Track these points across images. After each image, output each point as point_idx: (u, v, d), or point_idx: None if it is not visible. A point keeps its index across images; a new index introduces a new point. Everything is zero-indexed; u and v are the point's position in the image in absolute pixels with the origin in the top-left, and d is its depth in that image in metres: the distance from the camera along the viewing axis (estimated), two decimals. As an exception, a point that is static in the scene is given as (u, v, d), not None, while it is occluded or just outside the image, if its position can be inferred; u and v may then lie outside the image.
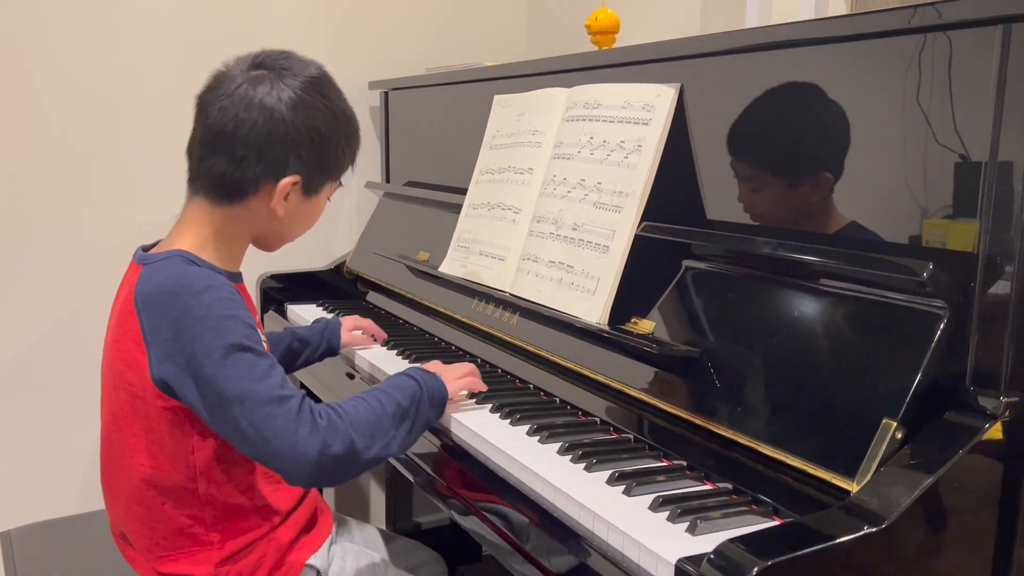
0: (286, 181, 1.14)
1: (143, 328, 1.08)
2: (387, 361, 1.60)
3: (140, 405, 1.11)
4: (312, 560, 1.24)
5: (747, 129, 1.20)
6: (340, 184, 1.26)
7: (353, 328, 1.67)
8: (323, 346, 1.59)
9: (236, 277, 1.20)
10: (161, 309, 1.06)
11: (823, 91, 1.09)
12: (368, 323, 1.70)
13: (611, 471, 1.08)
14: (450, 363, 1.37)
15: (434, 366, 1.30)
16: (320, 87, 1.17)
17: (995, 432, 0.87)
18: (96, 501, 1.81)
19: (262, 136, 1.12)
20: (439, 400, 1.21)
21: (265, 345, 1.16)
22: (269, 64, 1.16)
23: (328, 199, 1.25)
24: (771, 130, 1.17)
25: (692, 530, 0.93)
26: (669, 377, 1.17)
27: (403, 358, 1.62)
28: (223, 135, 1.12)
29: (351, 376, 1.62)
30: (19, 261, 2.04)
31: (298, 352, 1.56)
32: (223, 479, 1.15)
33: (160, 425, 1.11)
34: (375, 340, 1.71)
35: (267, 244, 1.25)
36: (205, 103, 1.15)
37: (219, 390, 1.03)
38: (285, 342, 1.54)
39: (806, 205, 1.13)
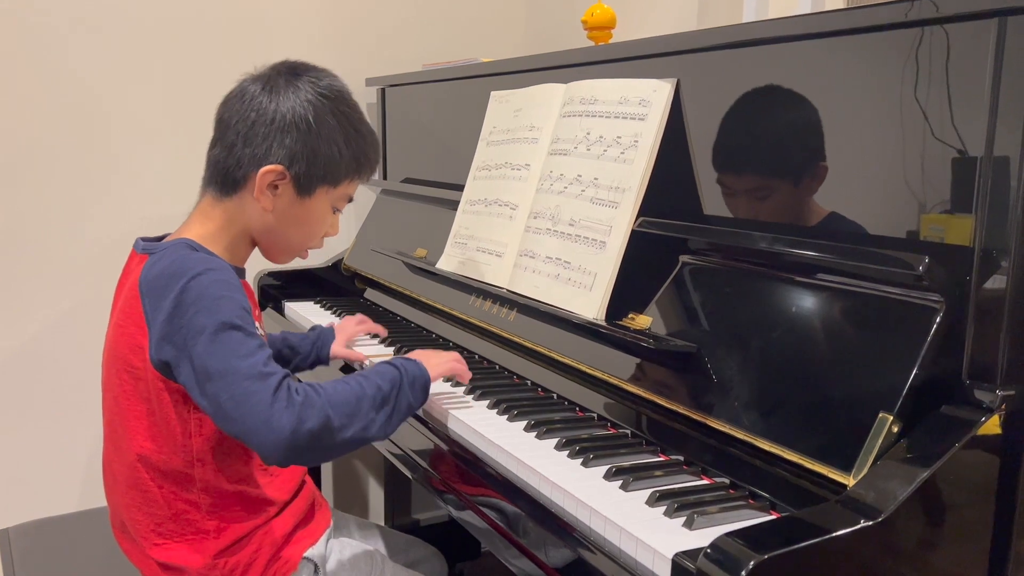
0: (267, 168, 1.15)
1: (145, 311, 1.10)
2: (385, 357, 1.60)
3: (142, 388, 1.13)
4: (309, 553, 1.25)
5: (744, 124, 1.20)
6: (350, 199, 1.26)
7: (349, 340, 1.62)
8: (312, 356, 1.58)
9: (239, 272, 1.21)
10: (162, 292, 1.08)
11: (820, 86, 1.09)
12: (369, 327, 1.66)
13: (608, 466, 1.08)
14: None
15: (417, 353, 1.29)
16: (325, 91, 1.18)
17: (991, 425, 0.87)
18: (94, 499, 1.81)
19: (248, 122, 1.16)
20: (421, 384, 1.20)
21: (261, 333, 1.16)
22: (280, 68, 1.20)
23: (336, 210, 1.25)
24: (768, 125, 1.17)
25: (689, 524, 0.93)
26: (666, 372, 1.17)
27: (401, 355, 1.62)
28: (220, 124, 1.19)
29: (346, 372, 1.62)
30: (18, 258, 2.04)
31: (287, 359, 1.56)
32: (220, 466, 1.16)
33: (161, 408, 1.12)
34: (375, 337, 1.69)
35: (267, 247, 1.25)
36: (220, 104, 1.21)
37: (205, 366, 1.04)
38: (275, 347, 1.53)
39: (802, 200, 1.13)
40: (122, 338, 1.14)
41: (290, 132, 1.15)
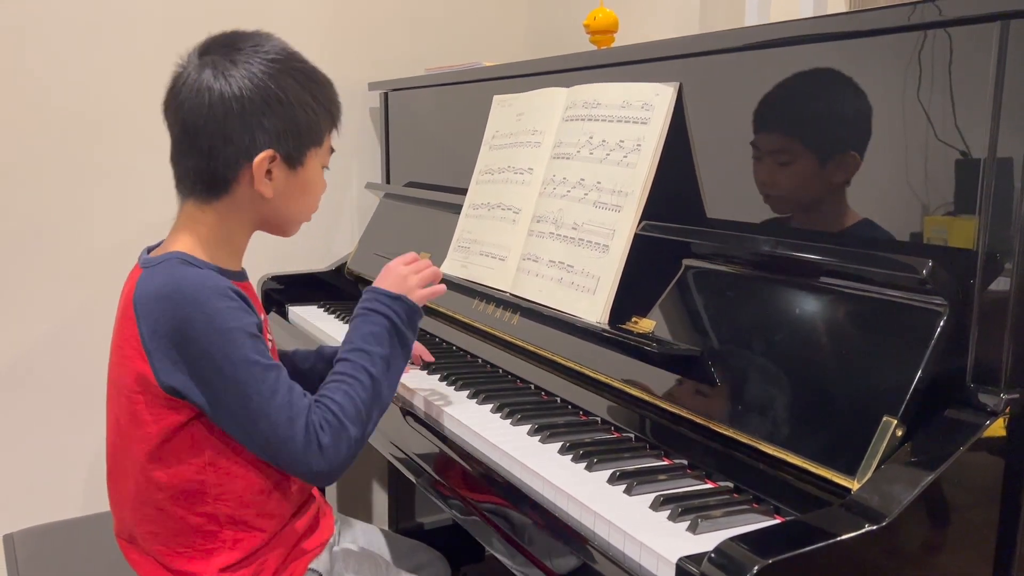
0: (260, 158, 1.11)
1: (141, 334, 1.07)
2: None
3: (139, 410, 1.10)
4: (315, 564, 1.24)
5: (746, 128, 1.20)
6: (332, 150, 1.22)
7: None
8: None
9: (239, 275, 1.18)
10: (159, 316, 1.05)
11: (822, 89, 1.09)
12: (418, 350, 1.55)
13: (612, 470, 1.08)
14: (458, 367, 1.35)
15: (394, 279, 1.23)
16: (271, 55, 1.13)
17: (996, 429, 0.87)
18: (99, 504, 1.81)
19: (219, 120, 1.10)
20: (416, 318, 1.22)
21: (270, 345, 1.15)
22: (214, 48, 1.15)
23: (325, 167, 1.21)
24: (770, 128, 1.17)
25: (693, 529, 0.93)
26: (670, 376, 1.17)
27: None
28: (186, 131, 1.12)
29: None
30: (21, 262, 2.04)
31: (321, 373, 1.41)
32: (230, 479, 1.14)
33: (162, 430, 1.10)
34: (414, 365, 1.58)
35: (276, 228, 1.21)
36: (166, 107, 1.15)
37: (229, 404, 1.05)
38: (309, 362, 1.45)
39: (805, 203, 1.13)
40: (121, 360, 1.11)
41: (265, 113, 1.10)
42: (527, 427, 1.24)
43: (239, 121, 1.10)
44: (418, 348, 1.56)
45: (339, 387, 1.12)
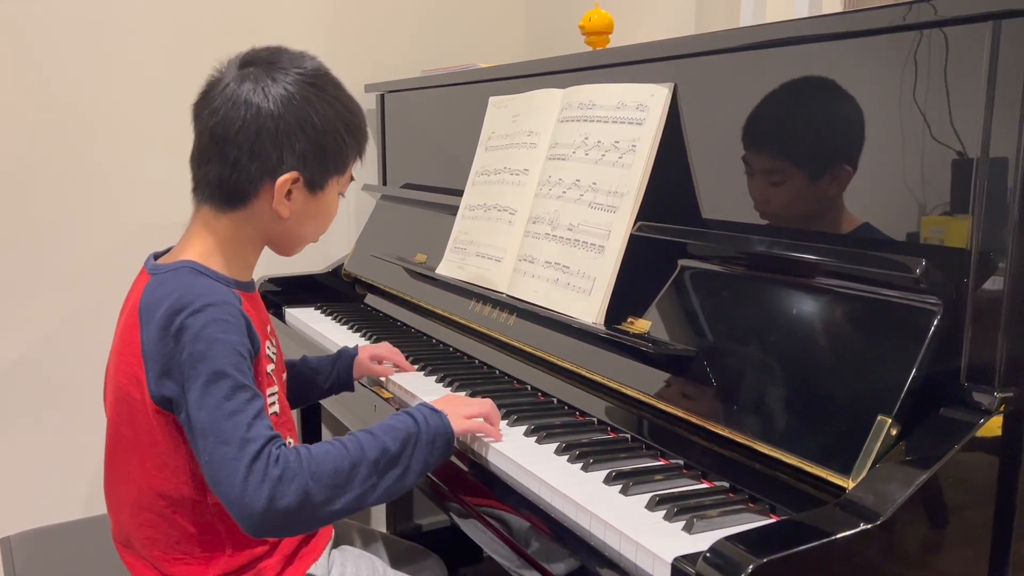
0: (284, 179, 1.11)
1: (142, 340, 1.06)
2: (411, 372, 1.56)
3: (141, 419, 1.10)
4: (313, 568, 1.23)
5: (741, 128, 1.20)
6: (352, 179, 1.22)
7: (372, 357, 1.52)
8: (332, 376, 1.48)
9: (247, 286, 1.18)
10: (160, 323, 1.05)
11: (817, 89, 1.09)
12: (387, 350, 1.56)
13: (608, 470, 1.08)
14: (455, 368, 1.32)
15: (446, 401, 1.20)
16: (311, 78, 1.13)
17: (990, 427, 0.87)
18: (97, 507, 1.80)
19: (251, 134, 1.09)
20: (442, 442, 1.12)
21: (274, 351, 1.13)
22: (257, 61, 1.14)
23: (342, 195, 1.21)
24: (765, 129, 1.17)
25: (689, 528, 0.93)
26: (666, 376, 1.17)
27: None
28: (214, 139, 1.11)
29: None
30: (21, 265, 2.04)
31: (307, 381, 1.47)
32: None
33: (164, 439, 1.09)
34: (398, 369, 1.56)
35: (282, 247, 1.22)
36: (198, 110, 1.15)
37: (193, 416, 1.02)
38: (294, 369, 1.44)
39: (801, 203, 1.14)
40: (121, 365, 1.10)
41: (297, 137, 1.11)
42: (523, 428, 1.24)
43: (270, 139, 1.10)
44: (394, 355, 1.55)
45: (324, 444, 1.05)
